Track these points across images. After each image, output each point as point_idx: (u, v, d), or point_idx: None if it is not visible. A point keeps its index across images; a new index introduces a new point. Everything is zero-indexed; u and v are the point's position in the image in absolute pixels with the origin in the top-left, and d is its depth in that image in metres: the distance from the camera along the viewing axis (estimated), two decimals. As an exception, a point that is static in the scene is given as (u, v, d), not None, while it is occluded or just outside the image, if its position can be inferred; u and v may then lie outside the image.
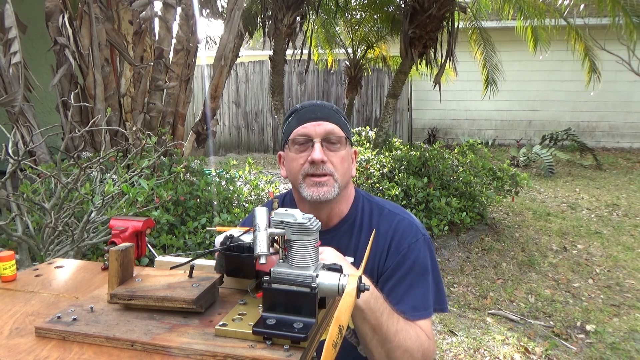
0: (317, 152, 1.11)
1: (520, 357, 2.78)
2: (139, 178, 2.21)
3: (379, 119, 7.19)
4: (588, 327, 3.09)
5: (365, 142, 6.41)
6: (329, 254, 0.94)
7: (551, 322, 3.19)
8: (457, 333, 3.04)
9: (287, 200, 1.31)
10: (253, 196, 3.42)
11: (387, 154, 5.27)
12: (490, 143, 10.43)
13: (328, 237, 1.19)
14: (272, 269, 0.70)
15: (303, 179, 1.14)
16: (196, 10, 3.59)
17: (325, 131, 1.13)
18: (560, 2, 7.09)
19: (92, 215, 1.95)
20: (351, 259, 1.14)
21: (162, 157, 2.91)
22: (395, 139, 6.49)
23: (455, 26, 5.85)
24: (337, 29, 8.73)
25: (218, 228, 0.88)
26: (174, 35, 3.54)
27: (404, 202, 4.37)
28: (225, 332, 0.66)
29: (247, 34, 6.41)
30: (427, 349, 1.05)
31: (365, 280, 0.95)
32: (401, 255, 1.14)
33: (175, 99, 3.62)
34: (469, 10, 6.74)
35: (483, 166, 5.03)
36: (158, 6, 3.49)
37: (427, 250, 1.17)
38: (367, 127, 7.20)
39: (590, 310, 3.35)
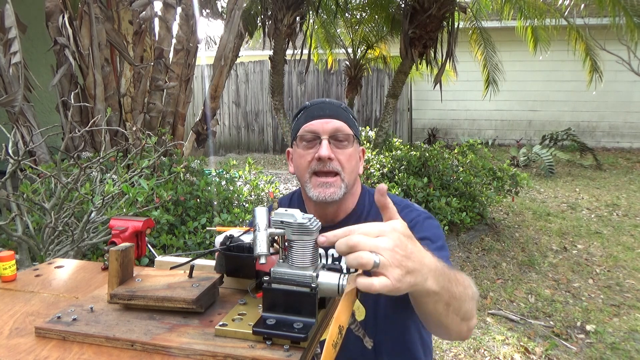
0: (324, 149, 1.10)
1: (520, 357, 2.77)
2: (139, 178, 2.21)
3: (379, 119, 7.19)
4: (588, 327, 3.09)
5: (365, 142, 6.42)
6: (396, 229, 0.71)
7: (551, 322, 3.19)
8: (457, 333, 3.03)
9: (295, 199, 1.30)
10: (253, 196, 3.42)
11: (387, 154, 5.27)
12: (490, 143, 10.43)
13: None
14: (272, 269, 0.70)
15: (310, 177, 1.13)
16: (196, 10, 3.59)
17: (334, 128, 1.13)
18: (560, 2, 7.08)
19: (92, 215, 1.95)
20: None
21: (162, 157, 2.91)
22: (395, 139, 6.49)
23: (455, 26, 5.85)
24: (337, 29, 8.72)
25: (218, 228, 0.88)
26: (174, 35, 3.54)
27: (404, 202, 4.37)
28: (225, 332, 0.66)
29: (247, 34, 6.41)
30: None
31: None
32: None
33: (175, 99, 3.62)
34: (469, 10, 6.74)
35: (483, 166, 5.03)
36: (158, 6, 3.49)
37: (434, 224, 1.15)
38: (367, 127, 7.20)
39: (590, 310, 3.34)
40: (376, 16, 7.54)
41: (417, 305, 0.86)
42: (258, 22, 6.63)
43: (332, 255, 1.18)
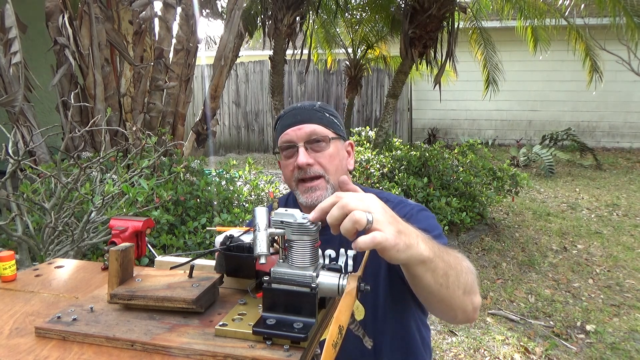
0: (301, 157, 1.11)
1: (520, 357, 2.78)
2: (139, 178, 2.21)
3: (379, 119, 7.19)
4: (588, 327, 3.09)
5: (365, 142, 6.41)
6: (375, 204, 0.72)
7: (551, 322, 3.19)
8: (457, 333, 3.03)
9: (291, 201, 1.31)
10: (253, 196, 3.42)
11: (387, 154, 5.27)
12: (490, 143, 10.43)
13: (330, 232, 1.18)
14: (272, 269, 0.70)
15: (296, 185, 1.15)
16: (196, 10, 3.59)
17: (306, 134, 1.13)
18: (560, 2, 7.08)
19: (92, 215, 1.95)
20: (354, 252, 1.14)
21: (162, 157, 2.91)
22: (395, 139, 6.49)
23: (456, 26, 5.85)
24: (337, 29, 8.72)
25: (218, 228, 0.88)
26: (174, 35, 3.54)
27: (404, 202, 4.37)
28: (225, 332, 0.66)
29: (247, 34, 6.41)
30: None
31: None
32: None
33: (175, 99, 3.62)
34: (469, 10, 6.74)
35: (483, 166, 5.04)
36: (158, 6, 3.49)
37: (429, 215, 1.15)
38: (367, 127, 7.20)
39: (590, 310, 3.34)
40: (376, 16, 7.55)
41: (415, 281, 0.85)
42: (258, 22, 6.64)
43: (329, 255, 1.18)
